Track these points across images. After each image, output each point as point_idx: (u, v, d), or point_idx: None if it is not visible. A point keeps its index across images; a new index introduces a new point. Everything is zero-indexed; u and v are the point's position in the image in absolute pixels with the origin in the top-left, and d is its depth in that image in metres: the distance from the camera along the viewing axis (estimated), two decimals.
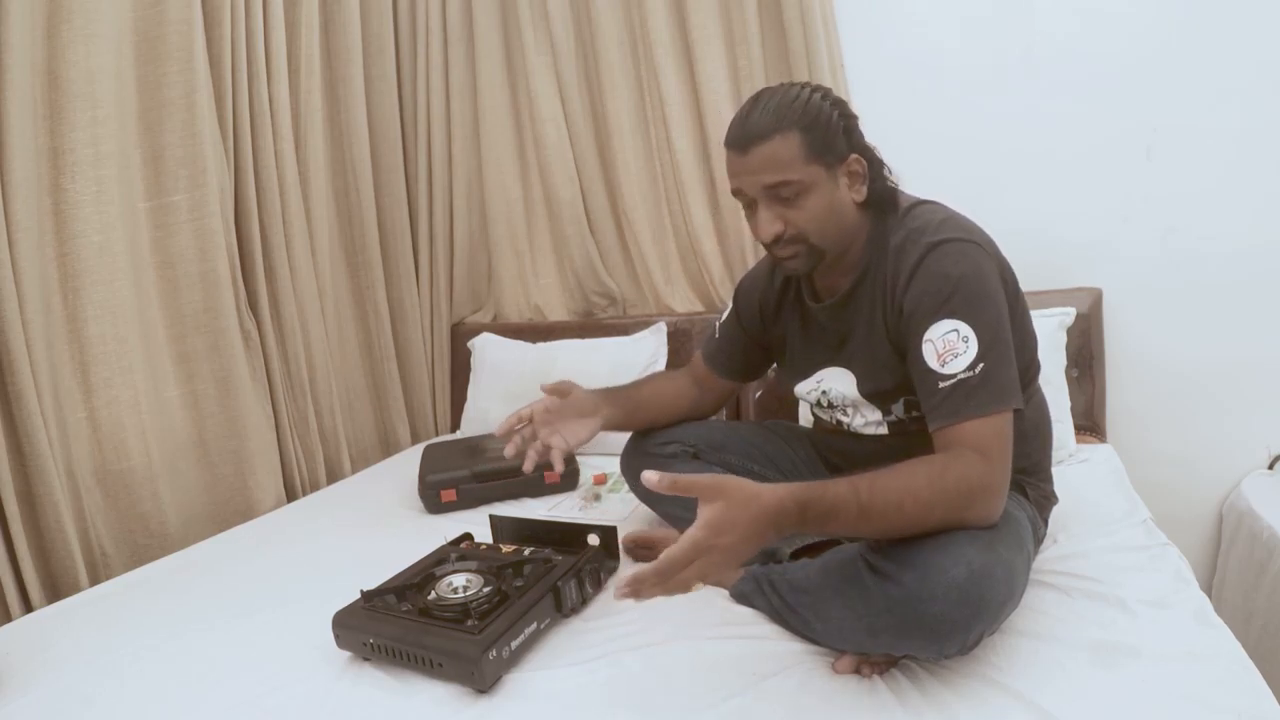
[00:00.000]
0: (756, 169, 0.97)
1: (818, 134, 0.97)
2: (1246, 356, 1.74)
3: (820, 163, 0.98)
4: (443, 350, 2.34)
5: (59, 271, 1.46)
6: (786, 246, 1.02)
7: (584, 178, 2.19)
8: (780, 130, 0.96)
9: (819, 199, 0.99)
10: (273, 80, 1.83)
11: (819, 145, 0.97)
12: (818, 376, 1.16)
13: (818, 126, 0.97)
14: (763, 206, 1.00)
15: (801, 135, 0.96)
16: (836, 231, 1.02)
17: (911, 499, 0.82)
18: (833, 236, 1.02)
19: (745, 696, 0.86)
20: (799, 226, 0.99)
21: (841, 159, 1.00)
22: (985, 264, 0.96)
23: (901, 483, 0.83)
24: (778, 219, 0.99)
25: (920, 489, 0.83)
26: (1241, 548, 1.63)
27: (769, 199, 0.99)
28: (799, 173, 0.97)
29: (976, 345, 0.91)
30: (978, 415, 0.88)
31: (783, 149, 0.96)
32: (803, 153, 0.97)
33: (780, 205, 0.99)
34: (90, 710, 0.94)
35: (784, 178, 0.97)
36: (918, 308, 0.95)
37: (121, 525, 1.52)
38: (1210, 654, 0.84)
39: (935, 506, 0.83)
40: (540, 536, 1.24)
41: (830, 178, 1.00)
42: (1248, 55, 1.64)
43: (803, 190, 0.98)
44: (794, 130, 0.96)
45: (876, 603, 0.82)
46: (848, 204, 1.03)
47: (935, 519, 0.83)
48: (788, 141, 0.96)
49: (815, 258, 1.03)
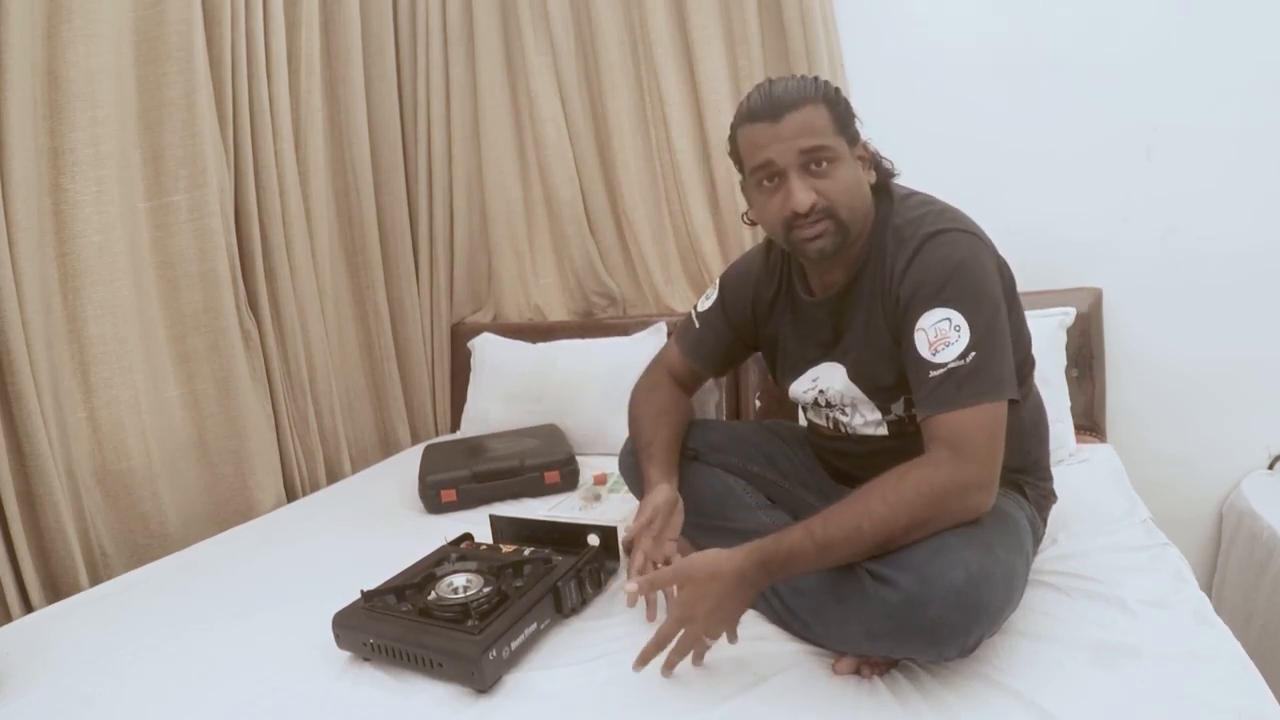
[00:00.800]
0: (791, 135, 0.96)
1: (840, 110, 0.99)
2: (1246, 356, 1.74)
3: (845, 137, 1.00)
4: (443, 350, 2.34)
5: (59, 271, 1.46)
6: (816, 222, 0.98)
7: (584, 178, 2.19)
8: (810, 101, 0.97)
9: (847, 171, 0.99)
10: (273, 80, 1.83)
11: (842, 121, 0.99)
12: (812, 375, 1.15)
13: (839, 103, 1.00)
14: (795, 176, 0.97)
15: (828, 108, 0.98)
16: (861, 209, 1.02)
17: (868, 519, 0.84)
18: (858, 213, 1.02)
19: (745, 696, 0.86)
20: (830, 197, 0.97)
21: (856, 140, 1.02)
22: (981, 254, 0.96)
23: (856, 507, 0.86)
24: (811, 189, 0.97)
25: (875, 507, 0.84)
26: (1241, 548, 1.63)
27: (801, 168, 0.97)
28: (832, 140, 0.97)
29: (969, 334, 0.90)
30: (965, 405, 0.88)
31: (815, 117, 0.96)
32: (832, 124, 0.98)
33: (811, 176, 0.97)
34: (90, 710, 0.94)
35: (820, 142, 0.96)
36: (913, 297, 0.95)
37: (121, 525, 1.52)
38: (1210, 654, 0.84)
39: (898, 518, 0.83)
40: (540, 536, 1.24)
41: (852, 155, 1.01)
42: (1248, 55, 1.64)
43: (834, 159, 0.97)
44: (821, 103, 0.98)
45: (875, 607, 0.82)
46: (865, 185, 1.03)
47: (903, 528, 0.83)
48: (819, 111, 0.97)
49: (842, 235, 1.00)
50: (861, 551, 0.85)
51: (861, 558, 0.85)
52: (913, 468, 0.87)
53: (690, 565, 0.89)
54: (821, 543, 0.85)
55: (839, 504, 0.87)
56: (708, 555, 0.89)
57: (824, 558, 0.85)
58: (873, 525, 0.84)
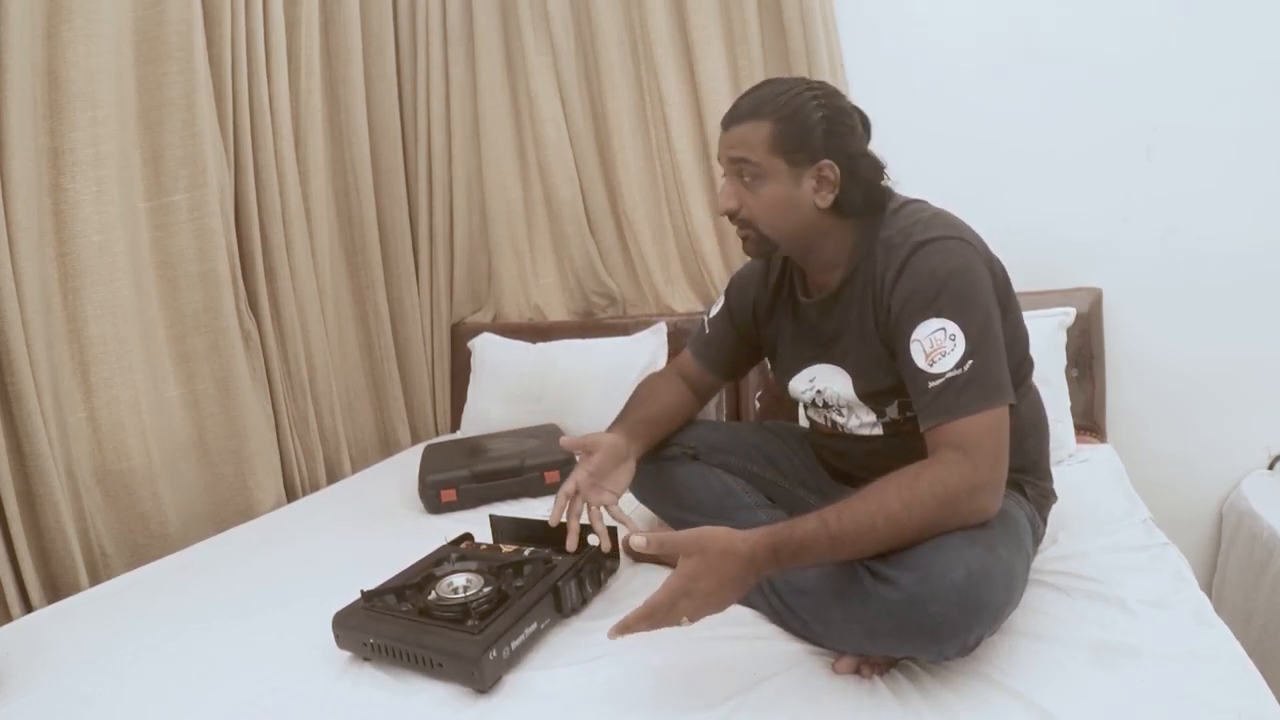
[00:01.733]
0: (728, 144, 1.04)
1: (789, 130, 1.00)
2: (1246, 356, 1.74)
3: (783, 158, 1.01)
4: (443, 350, 2.34)
5: (59, 271, 1.45)
6: (740, 226, 1.07)
7: (584, 178, 2.19)
8: (755, 117, 1.01)
9: (774, 190, 1.02)
10: (273, 80, 1.83)
11: (787, 142, 1.00)
12: (810, 375, 1.16)
13: (793, 123, 1.00)
14: (726, 181, 1.06)
15: (773, 126, 1.00)
16: (790, 228, 1.04)
17: (883, 516, 0.84)
18: (785, 232, 1.04)
19: (745, 696, 0.86)
20: (750, 210, 1.04)
21: (811, 161, 1.01)
22: (973, 260, 0.96)
23: (871, 503, 0.85)
24: (734, 196, 1.05)
25: (890, 503, 0.84)
26: (1241, 548, 1.63)
27: (732, 175, 1.05)
28: (759, 157, 1.01)
29: (964, 343, 0.91)
30: (967, 413, 0.89)
31: (752, 133, 1.01)
32: (768, 143, 1.01)
33: (740, 186, 1.04)
34: (90, 710, 0.94)
35: (744, 156, 1.01)
36: (905, 307, 0.96)
37: (121, 525, 1.52)
38: (1210, 654, 0.84)
39: (911, 516, 0.83)
40: (540, 536, 1.24)
41: (792, 175, 1.01)
42: (1248, 55, 1.64)
43: (759, 176, 1.02)
44: (767, 120, 1.01)
45: (875, 606, 0.82)
46: (806, 206, 1.03)
47: (916, 528, 0.83)
48: (758, 129, 1.01)
49: (766, 245, 1.07)
50: (871, 547, 0.84)
51: (869, 555, 0.85)
52: (926, 467, 0.87)
53: (704, 535, 0.84)
54: (835, 534, 0.84)
55: (853, 498, 0.87)
56: (720, 531, 0.85)
57: (835, 550, 0.84)
58: (887, 521, 0.83)
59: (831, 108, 1.02)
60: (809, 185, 1.02)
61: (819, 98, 1.01)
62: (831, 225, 1.05)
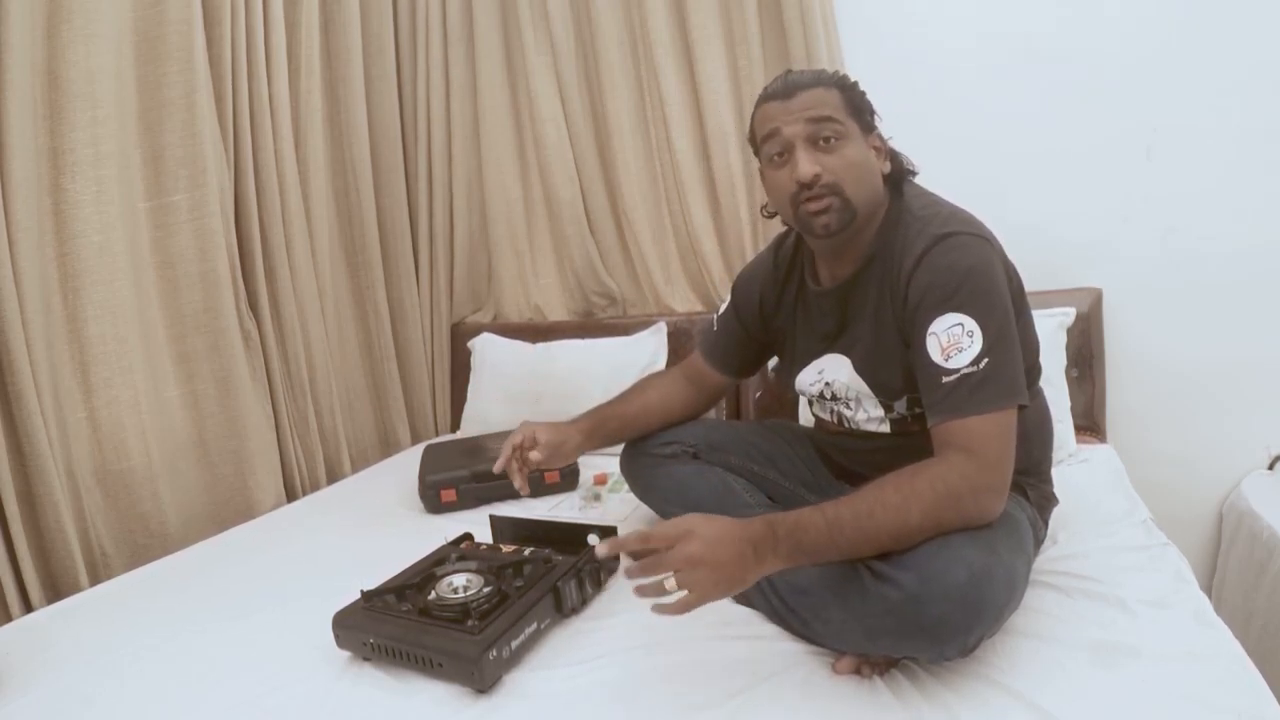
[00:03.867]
0: (801, 108, 1.00)
1: (854, 96, 1.03)
2: (1246, 356, 1.74)
3: (856, 120, 1.02)
4: (443, 350, 2.34)
5: (59, 271, 1.45)
6: (820, 197, 1.00)
7: (584, 178, 2.19)
8: (822, 84, 1.02)
9: (856, 149, 1.02)
10: (273, 80, 1.83)
11: (855, 105, 1.03)
12: (819, 366, 1.16)
13: (855, 91, 1.04)
14: (802, 148, 1.00)
15: (841, 93, 1.02)
16: (869, 191, 1.03)
17: (881, 506, 0.84)
18: (865, 195, 1.03)
19: (745, 696, 0.86)
20: (836, 172, 0.99)
21: (870, 129, 1.05)
22: (992, 259, 0.96)
23: (869, 493, 0.85)
24: (816, 162, 0.99)
25: (889, 495, 0.84)
26: (1241, 548, 1.63)
27: (808, 142, 1.00)
28: (841, 117, 1.00)
29: (981, 340, 0.90)
30: (978, 412, 0.88)
31: (827, 96, 1.01)
32: (843, 105, 1.01)
33: (819, 150, 1.00)
34: (90, 710, 0.94)
35: (828, 114, 1.00)
36: (923, 300, 0.95)
37: (121, 525, 1.52)
38: (1210, 654, 0.84)
39: (910, 509, 0.83)
40: (540, 536, 1.24)
41: (864, 139, 1.03)
42: (1248, 55, 1.64)
43: (842, 136, 1.00)
44: (834, 87, 1.02)
45: (875, 605, 0.82)
46: (877, 170, 1.05)
47: (915, 523, 0.83)
48: (830, 93, 1.01)
49: (848, 213, 1.01)
50: (869, 538, 0.84)
51: (868, 549, 0.84)
52: (927, 465, 0.87)
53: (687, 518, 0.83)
54: (831, 519, 0.83)
55: (854, 492, 0.87)
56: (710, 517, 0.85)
57: (832, 535, 0.83)
58: (885, 513, 0.83)
59: None
60: (872, 153, 1.04)
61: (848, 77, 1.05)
62: (884, 196, 1.07)
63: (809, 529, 0.83)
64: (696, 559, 0.80)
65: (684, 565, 0.80)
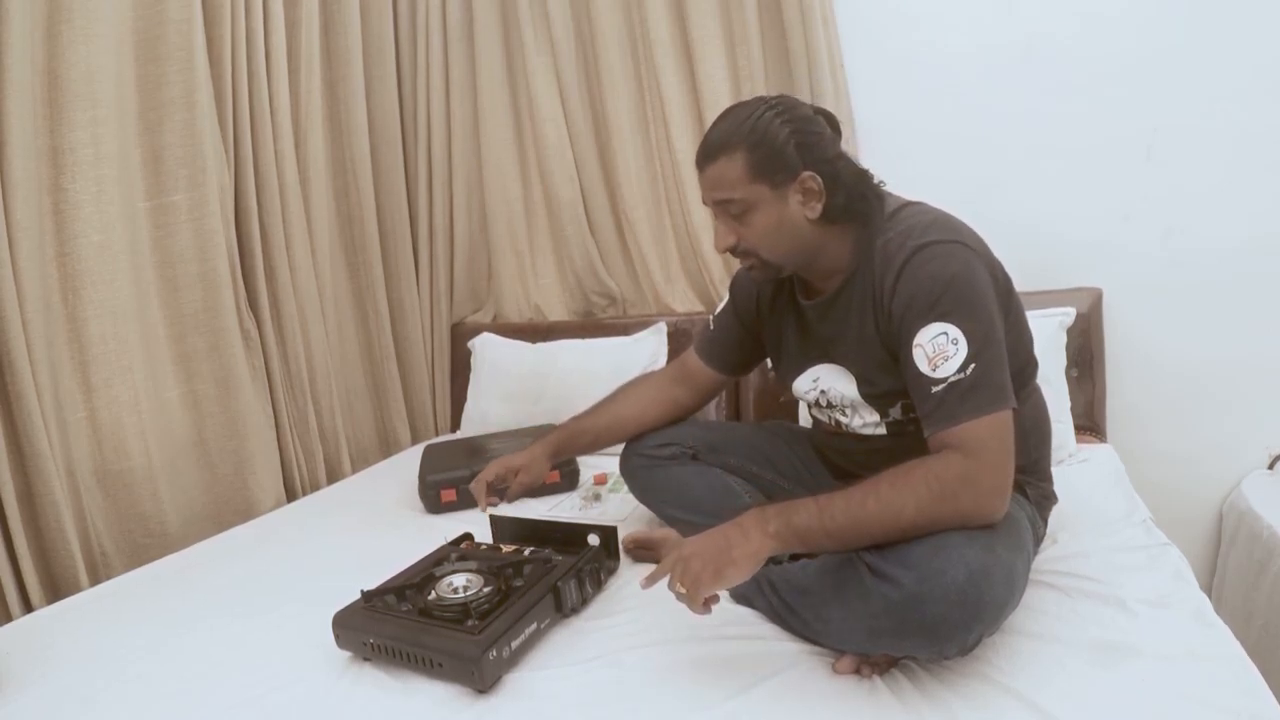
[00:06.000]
0: (708, 186, 1.04)
1: (762, 154, 0.99)
2: (1247, 356, 1.74)
3: (765, 182, 1.00)
4: (443, 350, 2.34)
5: (59, 271, 1.45)
6: (743, 257, 1.07)
7: (584, 178, 2.19)
8: (725, 151, 1.01)
9: (765, 217, 1.02)
10: (273, 80, 1.83)
11: (764, 165, 1.00)
12: (813, 375, 1.16)
13: (763, 146, 0.99)
14: (717, 221, 1.06)
15: (746, 155, 1.00)
16: (788, 247, 1.04)
17: (874, 497, 0.85)
18: (784, 252, 1.05)
19: (745, 696, 0.86)
20: (749, 242, 1.04)
21: (793, 176, 1.00)
22: (973, 264, 0.96)
23: (865, 485, 0.87)
24: (731, 232, 1.05)
25: (883, 487, 0.86)
26: (1241, 548, 1.63)
27: (721, 214, 1.05)
28: (742, 191, 1.01)
29: (967, 347, 0.90)
30: (972, 416, 0.88)
31: (728, 169, 1.01)
32: (746, 173, 1.00)
33: (731, 220, 1.04)
34: (90, 710, 0.94)
35: (728, 196, 1.02)
36: (906, 312, 0.95)
37: (121, 525, 1.52)
38: (1210, 654, 0.84)
39: (904, 501, 0.84)
40: (540, 536, 1.24)
41: (778, 196, 1.01)
42: (1248, 56, 1.64)
43: (747, 208, 1.02)
44: (739, 150, 1.00)
45: (875, 604, 0.82)
46: (799, 221, 1.03)
47: (909, 516, 0.84)
48: (732, 162, 1.00)
49: (772, 270, 1.07)
50: (861, 525, 0.85)
51: (860, 538, 0.86)
52: (924, 461, 0.88)
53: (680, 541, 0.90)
54: (823, 503, 0.86)
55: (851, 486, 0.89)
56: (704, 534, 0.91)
57: (823, 518, 0.85)
58: (878, 504, 0.85)
59: (795, 119, 1.01)
60: (795, 201, 1.02)
61: (781, 113, 1.01)
62: (826, 234, 1.05)
63: (799, 510, 0.87)
64: (685, 557, 0.86)
65: (674, 566, 0.86)
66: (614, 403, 1.37)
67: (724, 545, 0.86)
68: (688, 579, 0.84)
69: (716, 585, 0.84)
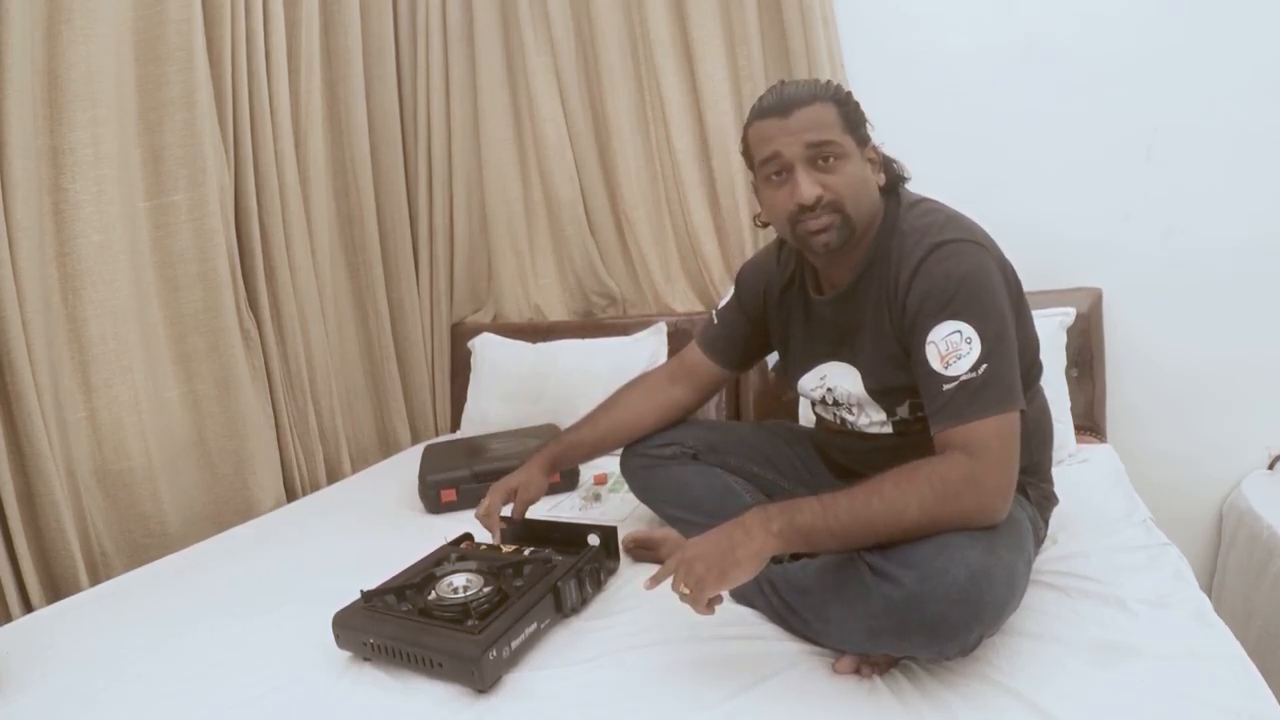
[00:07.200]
0: (800, 129, 0.98)
1: (850, 111, 1.02)
2: (1247, 356, 1.74)
3: (854, 136, 1.01)
4: (443, 350, 2.34)
5: (59, 271, 1.45)
6: (822, 215, 1.00)
7: (584, 178, 2.19)
8: (819, 99, 1.00)
9: (854, 168, 1.01)
10: (273, 80, 1.83)
11: (851, 121, 1.01)
12: (820, 372, 1.16)
13: (850, 104, 1.02)
14: (802, 169, 0.99)
15: (837, 108, 1.00)
16: (867, 206, 1.04)
17: (878, 496, 0.85)
18: (864, 211, 1.03)
19: (745, 696, 0.86)
20: (837, 191, 0.99)
21: (866, 141, 1.04)
22: (988, 264, 0.96)
23: (869, 485, 0.87)
24: (817, 183, 0.99)
25: (887, 487, 0.86)
26: (1241, 548, 1.63)
27: (808, 162, 0.99)
28: (839, 137, 0.99)
29: (980, 346, 0.91)
30: (979, 416, 0.89)
31: (824, 114, 0.99)
32: (840, 122, 1.00)
33: (818, 171, 1.00)
34: (90, 710, 0.94)
35: (827, 137, 0.99)
36: (921, 309, 0.96)
37: (121, 525, 1.52)
38: (1210, 654, 0.84)
39: (907, 502, 0.84)
40: (540, 536, 1.24)
41: (860, 154, 1.02)
42: (1248, 56, 1.64)
43: (841, 155, 1.00)
44: (830, 102, 1.00)
45: (876, 604, 0.82)
46: (873, 184, 1.05)
47: (913, 516, 0.84)
48: (827, 109, 1.00)
49: (848, 230, 1.01)
50: (864, 524, 0.85)
51: (863, 537, 0.86)
52: (929, 461, 0.88)
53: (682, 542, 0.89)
54: (827, 501, 0.86)
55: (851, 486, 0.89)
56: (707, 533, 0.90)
57: (826, 517, 0.85)
58: (882, 503, 0.84)
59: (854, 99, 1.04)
60: (867, 166, 1.04)
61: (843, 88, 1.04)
62: (879, 208, 1.06)
63: (803, 508, 0.86)
64: (688, 559, 0.86)
65: (678, 568, 0.86)
66: (610, 410, 1.34)
67: (727, 546, 0.85)
68: (691, 580, 0.84)
69: (720, 586, 0.84)
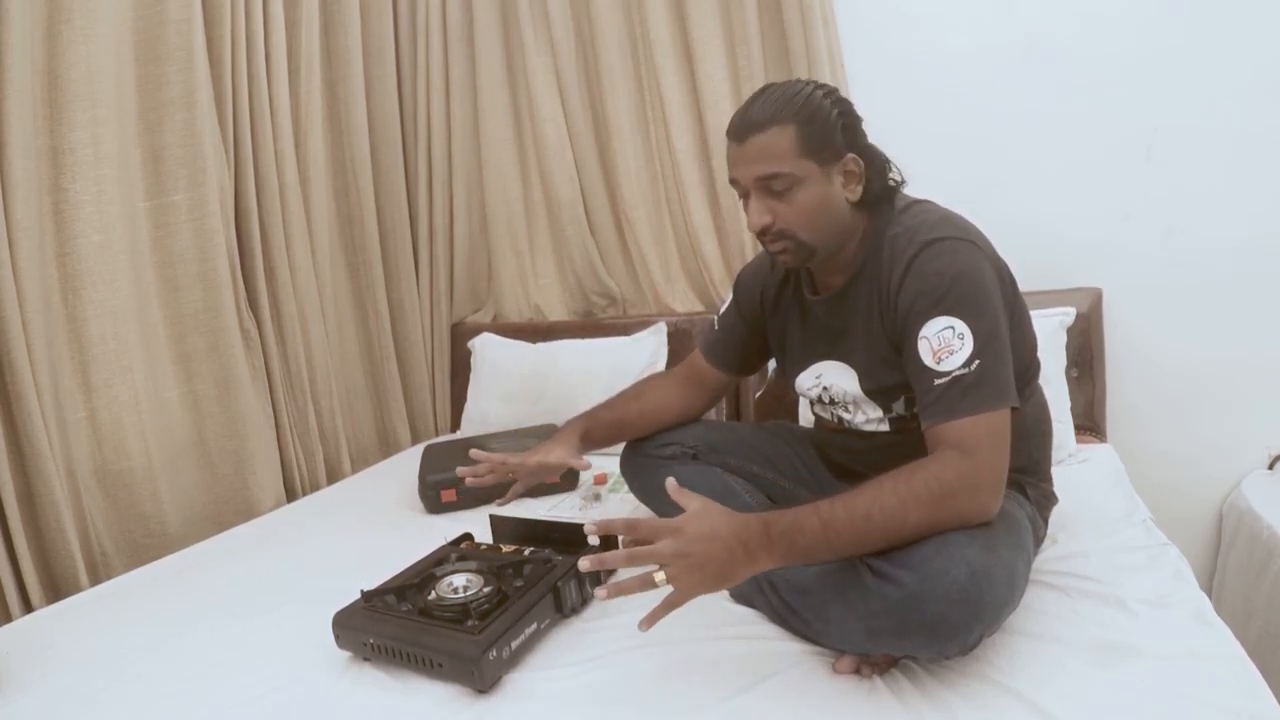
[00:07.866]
0: (750, 159, 0.99)
1: (814, 130, 0.98)
2: (1246, 356, 1.74)
3: (814, 158, 0.99)
4: (443, 350, 2.34)
5: (59, 271, 1.45)
6: (775, 240, 1.02)
7: (584, 178, 2.19)
8: (777, 122, 0.97)
9: (809, 195, 1.00)
10: (273, 80, 1.83)
11: (814, 141, 0.98)
12: (816, 371, 1.16)
13: (815, 122, 0.98)
14: (754, 198, 1.01)
15: (798, 129, 0.97)
16: (826, 229, 1.03)
17: (878, 507, 0.84)
18: (822, 233, 1.02)
19: (745, 696, 0.86)
20: (787, 221, 1.00)
21: (838, 157, 1.01)
22: (980, 262, 0.96)
23: (867, 495, 0.85)
24: (767, 211, 1.00)
25: (886, 496, 0.84)
26: (1241, 548, 1.63)
27: (761, 191, 1.00)
28: (790, 166, 0.98)
29: (972, 342, 0.91)
30: (970, 413, 0.89)
31: (777, 141, 0.97)
32: (796, 147, 0.98)
33: (771, 198, 1.00)
34: (90, 710, 0.94)
35: (775, 170, 0.98)
36: (913, 305, 0.96)
37: (121, 525, 1.52)
38: (1210, 654, 0.84)
39: (907, 510, 0.83)
40: (540, 536, 1.24)
41: (824, 175, 1.00)
42: (1248, 56, 1.64)
43: (793, 184, 0.99)
44: (790, 124, 0.97)
45: (876, 603, 0.82)
46: (840, 202, 1.03)
47: (912, 523, 0.83)
48: (783, 134, 0.97)
49: (805, 253, 1.03)
50: (865, 539, 0.84)
51: (864, 547, 0.85)
52: (923, 464, 0.88)
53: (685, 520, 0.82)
54: (827, 521, 0.83)
55: (849, 491, 0.87)
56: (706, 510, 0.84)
57: (829, 536, 0.83)
58: (882, 514, 0.83)
59: (840, 102, 1.02)
60: (838, 182, 1.02)
61: (828, 94, 1.01)
62: (856, 220, 1.05)
63: (804, 531, 0.83)
64: (685, 554, 0.80)
65: (672, 560, 0.80)
66: (633, 399, 1.35)
67: (729, 567, 0.81)
68: (682, 583, 0.81)
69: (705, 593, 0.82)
